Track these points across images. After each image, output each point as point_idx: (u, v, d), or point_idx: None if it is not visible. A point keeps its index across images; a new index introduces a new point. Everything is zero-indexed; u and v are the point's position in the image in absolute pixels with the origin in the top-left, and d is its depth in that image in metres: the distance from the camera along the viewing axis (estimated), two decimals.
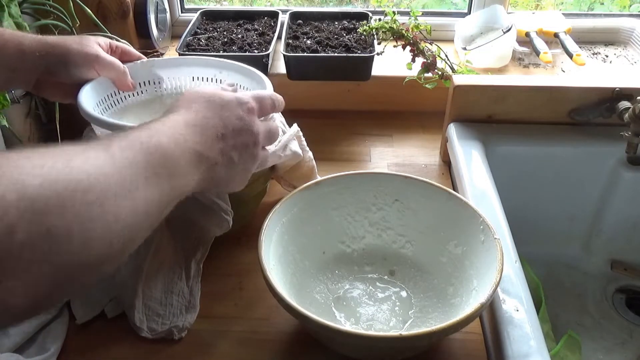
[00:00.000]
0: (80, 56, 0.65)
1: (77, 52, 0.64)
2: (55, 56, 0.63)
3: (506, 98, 0.88)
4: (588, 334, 0.91)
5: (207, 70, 0.78)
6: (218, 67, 0.77)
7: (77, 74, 0.65)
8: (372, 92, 1.06)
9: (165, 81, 0.77)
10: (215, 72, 0.77)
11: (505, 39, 1.08)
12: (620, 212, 0.94)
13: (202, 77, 0.78)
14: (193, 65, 0.78)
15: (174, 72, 0.77)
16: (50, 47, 0.63)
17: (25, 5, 0.86)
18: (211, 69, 0.78)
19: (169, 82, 0.77)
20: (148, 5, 1.07)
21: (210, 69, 0.78)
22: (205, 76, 0.78)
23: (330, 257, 0.72)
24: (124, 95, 0.74)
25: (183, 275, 0.69)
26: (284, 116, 0.79)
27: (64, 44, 0.64)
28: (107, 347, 0.64)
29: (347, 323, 0.65)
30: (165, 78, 0.77)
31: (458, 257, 0.68)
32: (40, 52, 0.62)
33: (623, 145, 0.84)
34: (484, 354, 0.63)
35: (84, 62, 0.65)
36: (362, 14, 1.12)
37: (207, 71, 0.78)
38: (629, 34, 1.19)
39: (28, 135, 0.93)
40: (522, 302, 0.61)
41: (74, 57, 0.64)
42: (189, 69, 0.78)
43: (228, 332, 0.66)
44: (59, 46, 0.64)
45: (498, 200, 0.75)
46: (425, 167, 0.93)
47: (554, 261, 1.01)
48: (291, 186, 0.81)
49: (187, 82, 0.78)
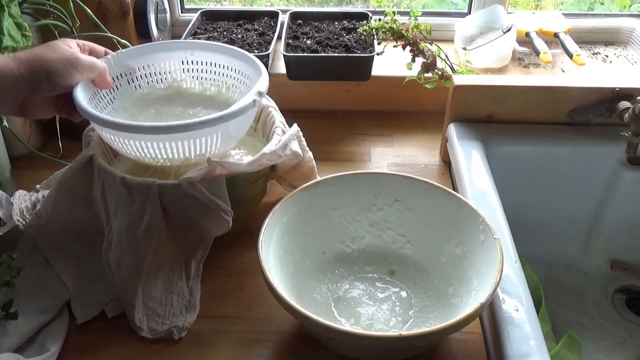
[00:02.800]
0: (61, 62, 0.61)
1: (56, 60, 0.61)
2: (35, 69, 0.59)
3: (506, 98, 0.88)
4: (588, 334, 0.91)
5: (176, 53, 0.77)
6: (189, 49, 0.77)
7: (62, 82, 0.62)
8: (372, 92, 1.06)
9: (137, 71, 0.76)
10: (186, 54, 0.77)
11: (505, 39, 1.08)
12: (620, 212, 0.94)
13: (172, 62, 0.77)
14: (161, 50, 0.77)
15: (145, 60, 0.76)
16: (27, 62, 0.59)
17: (25, 5, 0.86)
18: (179, 51, 0.77)
19: (142, 71, 0.76)
20: (148, 5, 1.07)
21: (179, 52, 0.77)
22: (176, 59, 0.77)
23: (330, 257, 0.72)
24: (105, 92, 0.72)
25: (183, 275, 0.69)
26: (284, 116, 0.79)
27: (40, 55, 0.60)
28: (107, 347, 0.64)
29: (347, 323, 0.65)
30: (137, 68, 0.75)
31: (458, 257, 0.68)
32: (18, 69, 0.58)
33: (623, 145, 0.84)
34: (484, 354, 0.63)
35: (66, 67, 0.62)
36: (362, 14, 1.12)
37: (176, 54, 0.77)
38: (629, 34, 1.19)
39: (28, 135, 0.93)
40: (522, 302, 0.61)
41: (55, 65, 0.61)
42: (158, 55, 0.76)
43: (228, 332, 0.66)
44: (36, 58, 0.60)
45: (498, 200, 0.75)
46: (425, 167, 0.93)
47: (554, 261, 1.01)
48: (291, 186, 0.81)
49: (161, 68, 0.77)
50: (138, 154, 0.66)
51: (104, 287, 0.68)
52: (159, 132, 0.63)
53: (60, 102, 0.65)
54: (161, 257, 0.67)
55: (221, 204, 0.65)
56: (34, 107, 0.63)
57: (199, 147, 0.65)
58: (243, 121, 0.69)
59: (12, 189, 0.82)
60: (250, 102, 0.65)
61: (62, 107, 0.66)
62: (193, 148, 0.65)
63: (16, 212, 0.73)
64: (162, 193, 0.64)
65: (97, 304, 0.67)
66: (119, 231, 0.65)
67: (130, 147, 0.65)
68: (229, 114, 0.64)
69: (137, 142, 0.64)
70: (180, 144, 0.64)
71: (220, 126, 0.64)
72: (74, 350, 0.64)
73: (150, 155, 0.66)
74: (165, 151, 0.65)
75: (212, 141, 0.66)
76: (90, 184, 0.69)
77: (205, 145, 0.66)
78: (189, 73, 0.78)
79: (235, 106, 0.64)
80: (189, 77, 0.78)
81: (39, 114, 0.65)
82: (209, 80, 0.78)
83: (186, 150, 0.65)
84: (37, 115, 0.65)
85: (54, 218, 0.71)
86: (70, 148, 0.92)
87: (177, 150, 0.65)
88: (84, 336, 0.65)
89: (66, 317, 0.66)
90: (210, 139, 0.65)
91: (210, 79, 0.78)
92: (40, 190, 0.79)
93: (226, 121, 0.64)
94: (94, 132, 0.73)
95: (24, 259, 0.70)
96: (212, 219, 0.66)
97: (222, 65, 0.77)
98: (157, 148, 0.64)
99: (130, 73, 0.75)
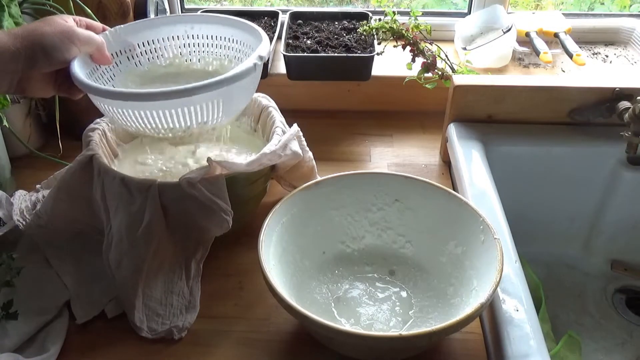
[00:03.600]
0: (57, 36, 0.60)
1: (52, 33, 0.60)
2: (31, 44, 0.58)
3: (506, 98, 0.88)
4: (588, 334, 0.91)
5: (175, 27, 0.75)
6: (189, 22, 0.75)
7: (59, 56, 0.60)
8: (372, 92, 1.06)
9: (137, 47, 0.74)
10: (186, 27, 0.75)
11: (505, 39, 1.08)
12: (620, 212, 0.94)
13: (173, 37, 0.75)
14: (161, 25, 0.75)
15: (145, 36, 0.74)
16: (22, 37, 0.58)
17: (25, 5, 0.86)
18: (179, 25, 0.75)
19: (142, 47, 0.74)
20: (148, 5, 1.06)
21: (179, 25, 0.75)
22: (176, 34, 0.75)
23: (330, 257, 0.72)
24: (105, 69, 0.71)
25: (183, 275, 0.69)
26: (284, 116, 0.79)
27: (35, 29, 0.59)
28: (107, 347, 0.64)
29: (347, 323, 0.65)
30: (137, 44, 0.74)
31: (458, 257, 0.68)
32: (13, 44, 0.57)
33: (623, 145, 0.84)
34: (484, 354, 0.63)
35: (62, 41, 0.60)
36: (362, 14, 1.12)
37: (176, 28, 0.75)
38: (629, 34, 1.19)
39: (28, 135, 0.93)
40: (522, 302, 0.61)
41: (51, 39, 0.59)
42: (157, 30, 0.75)
43: (228, 332, 0.66)
44: (31, 33, 0.59)
45: (498, 200, 0.75)
46: (425, 167, 0.93)
47: (554, 261, 1.01)
48: (291, 186, 0.81)
49: (161, 44, 0.75)
50: (139, 124, 0.64)
51: (104, 287, 0.68)
52: (158, 98, 0.60)
53: (58, 80, 0.64)
54: (161, 257, 0.67)
55: (221, 204, 0.65)
56: (32, 84, 0.62)
57: (200, 114, 0.63)
58: (245, 87, 0.66)
59: (12, 189, 0.82)
60: (251, 65, 0.63)
61: (60, 86, 0.64)
62: (194, 115, 0.63)
63: (16, 212, 0.73)
64: (162, 193, 0.64)
65: (97, 304, 0.67)
66: (119, 231, 0.65)
67: (130, 118, 0.63)
68: (230, 77, 0.61)
69: (137, 111, 0.62)
70: (180, 111, 0.62)
71: (221, 91, 0.62)
72: (74, 350, 0.64)
73: (151, 125, 0.63)
74: (166, 120, 0.62)
75: (213, 108, 0.63)
76: (90, 184, 0.69)
77: (207, 113, 0.63)
78: (190, 48, 0.76)
79: (236, 69, 0.62)
80: (190, 51, 0.76)
81: (38, 91, 0.64)
82: (211, 54, 0.76)
83: (187, 118, 0.63)
84: (35, 93, 0.64)
85: (54, 218, 0.71)
86: (70, 148, 0.92)
87: (179, 119, 0.63)
88: (84, 336, 0.65)
89: (66, 317, 0.66)
90: (212, 105, 0.63)
91: (212, 52, 0.76)
92: (40, 190, 0.79)
93: (228, 84, 0.61)
94: (94, 132, 0.73)
95: (24, 259, 0.70)
96: (212, 219, 0.66)
97: (223, 37, 0.75)
98: (157, 117, 0.62)
99: (130, 50, 0.73)
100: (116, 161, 0.77)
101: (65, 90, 0.65)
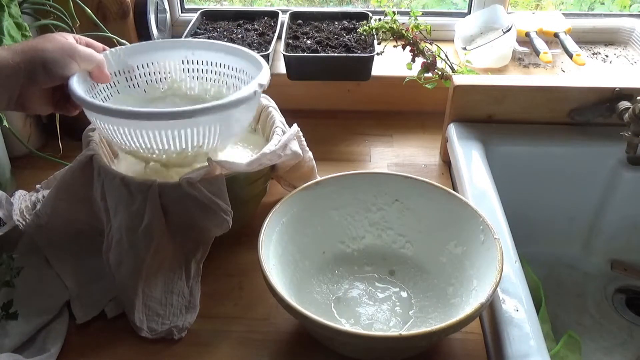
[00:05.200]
0: (57, 52, 0.60)
1: (52, 49, 0.60)
2: (32, 59, 0.59)
3: (506, 98, 0.88)
4: (588, 334, 0.91)
5: (176, 52, 0.76)
6: (190, 48, 0.76)
7: (59, 71, 0.61)
8: (372, 92, 1.06)
9: (136, 69, 0.74)
10: (187, 53, 0.76)
11: (505, 39, 1.08)
12: (620, 212, 0.94)
13: (172, 62, 0.76)
14: (161, 49, 0.76)
15: (145, 58, 0.75)
16: (22, 52, 0.58)
17: (25, 5, 0.86)
18: (180, 50, 0.76)
19: (141, 70, 0.75)
20: (148, 5, 1.07)
21: (180, 51, 0.76)
22: (176, 59, 0.76)
23: (330, 257, 0.72)
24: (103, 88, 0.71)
25: (183, 275, 0.69)
26: (284, 116, 0.79)
27: (35, 45, 0.60)
28: (107, 347, 0.64)
29: (347, 323, 0.65)
30: (136, 66, 0.74)
31: (458, 257, 0.68)
32: (13, 59, 0.57)
33: (623, 145, 0.84)
34: (484, 354, 0.63)
35: (63, 57, 0.61)
36: (362, 14, 1.12)
37: (176, 53, 0.76)
38: (629, 34, 1.19)
39: (28, 135, 0.93)
40: (522, 302, 0.61)
41: (52, 54, 0.60)
42: (158, 54, 0.75)
43: (228, 332, 0.66)
44: (31, 48, 0.59)
45: (498, 200, 0.75)
46: (425, 167, 0.93)
47: (554, 261, 1.01)
48: (291, 186, 0.81)
49: (160, 67, 0.76)
50: (134, 144, 0.64)
51: (104, 287, 0.68)
52: (159, 118, 0.60)
53: (56, 96, 0.64)
54: (161, 257, 0.67)
55: (221, 204, 0.65)
56: (32, 100, 0.62)
57: (197, 137, 0.64)
58: (243, 113, 0.67)
59: (12, 189, 0.82)
60: (251, 92, 0.64)
61: (57, 103, 0.65)
62: (191, 138, 0.63)
63: (16, 212, 0.73)
64: (162, 193, 0.64)
65: (97, 304, 0.67)
66: (119, 231, 0.65)
67: (126, 136, 0.63)
68: (231, 102, 0.62)
69: (133, 130, 0.62)
70: (177, 133, 0.62)
71: (221, 115, 0.62)
72: (74, 350, 0.64)
73: (146, 145, 0.64)
74: (161, 140, 0.63)
75: (211, 132, 0.64)
76: (90, 184, 0.69)
77: (204, 136, 0.64)
78: (189, 73, 0.77)
79: (237, 94, 0.63)
80: (189, 77, 0.78)
81: (36, 108, 0.64)
82: (209, 81, 0.78)
83: (183, 140, 0.63)
84: (34, 109, 0.64)
85: (54, 218, 0.71)
86: (70, 148, 0.92)
87: (174, 141, 0.63)
88: (84, 336, 0.65)
89: (66, 317, 0.66)
90: (210, 129, 0.63)
91: (210, 79, 0.78)
92: (40, 190, 0.79)
93: (226, 109, 0.62)
94: (94, 132, 0.73)
95: (24, 259, 0.70)
96: (212, 219, 0.66)
97: (222, 64, 0.76)
98: (152, 137, 0.62)
99: (129, 71, 0.74)
100: (116, 161, 0.77)
101: (62, 107, 0.66)
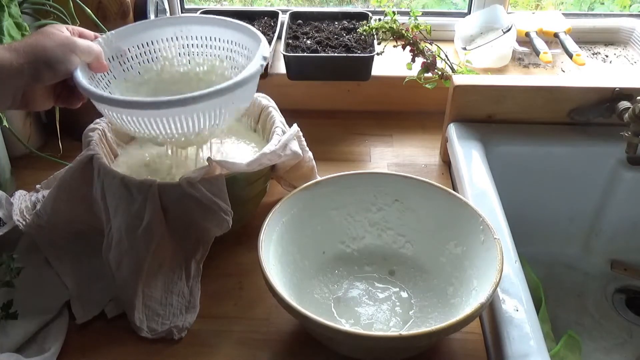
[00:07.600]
0: (59, 48, 0.60)
1: (53, 46, 0.60)
2: (34, 58, 0.58)
3: (506, 98, 0.88)
4: (588, 334, 0.91)
5: (165, 30, 0.74)
6: (178, 24, 0.75)
7: (63, 68, 0.60)
8: (372, 92, 1.06)
9: (128, 52, 0.73)
10: (175, 30, 0.75)
11: (505, 39, 1.08)
12: (620, 212, 0.94)
13: (163, 39, 0.75)
14: (150, 28, 0.74)
15: (135, 40, 0.74)
16: (24, 52, 0.58)
17: (25, 5, 0.86)
18: (169, 27, 0.75)
19: (133, 51, 0.74)
20: (148, 5, 1.06)
21: (169, 28, 0.75)
22: (165, 37, 0.75)
23: (330, 257, 0.72)
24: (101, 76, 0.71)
25: (183, 275, 0.69)
26: (284, 116, 0.79)
27: (36, 44, 0.59)
28: (107, 347, 0.64)
29: (346, 323, 0.65)
30: (127, 49, 0.73)
31: (458, 257, 0.68)
32: (17, 61, 0.57)
33: (623, 145, 0.84)
34: (484, 354, 0.63)
35: (65, 53, 0.61)
36: (362, 14, 1.12)
37: (166, 31, 0.75)
38: (629, 34, 1.19)
39: (28, 135, 0.93)
40: (522, 302, 0.61)
41: (54, 52, 0.60)
42: (147, 33, 0.74)
43: (228, 332, 0.66)
44: (33, 48, 0.59)
45: (498, 200, 0.75)
46: (425, 167, 0.93)
47: (554, 261, 1.01)
48: (291, 186, 0.81)
49: (152, 47, 0.75)
50: (152, 131, 0.64)
51: (104, 287, 0.68)
52: (173, 105, 0.60)
53: (57, 90, 0.64)
54: (161, 257, 0.67)
55: (221, 204, 0.65)
56: (35, 98, 0.62)
57: (214, 118, 0.64)
58: (251, 87, 0.67)
59: (12, 189, 0.82)
60: (258, 67, 0.64)
61: (59, 96, 0.65)
62: (208, 119, 0.63)
63: (16, 212, 0.73)
64: (162, 193, 0.64)
65: (97, 304, 0.67)
66: (119, 231, 0.65)
67: (142, 125, 0.63)
68: (242, 81, 0.62)
69: (146, 119, 0.62)
70: (195, 116, 0.62)
71: (231, 95, 0.62)
72: (74, 350, 0.64)
73: (166, 131, 0.63)
74: (181, 125, 0.63)
75: (225, 110, 0.64)
76: (90, 184, 0.69)
77: (218, 116, 0.64)
78: (182, 49, 0.76)
79: (245, 72, 0.63)
80: (182, 53, 0.76)
81: (40, 104, 0.64)
82: (202, 55, 0.76)
83: (201, 121, 0.63)
84: (38, 107, 0.64)
85: (54, 218, 0.71)
86: (70, 148, 0.92)
87: (193, 124, 0.63)
88: (84, 336, 0.65)
89: (66, 317, 0.66)
90: (223, 108, 0.63)
91: (203, 53, 0.76)
92: (40, 190, 0.79)
93: (240, 87, 0.62)
94: (94, 132, 0.73)
95: (24, 259, 0.70)
96: (212, 219, 0.66)
97: (214, 37, 0.75)
98: (172, 122, 0.62)
99: (122, 55, 0.73)
100: (116, 161, 0.77)
101: (64, 100, 0.66)
